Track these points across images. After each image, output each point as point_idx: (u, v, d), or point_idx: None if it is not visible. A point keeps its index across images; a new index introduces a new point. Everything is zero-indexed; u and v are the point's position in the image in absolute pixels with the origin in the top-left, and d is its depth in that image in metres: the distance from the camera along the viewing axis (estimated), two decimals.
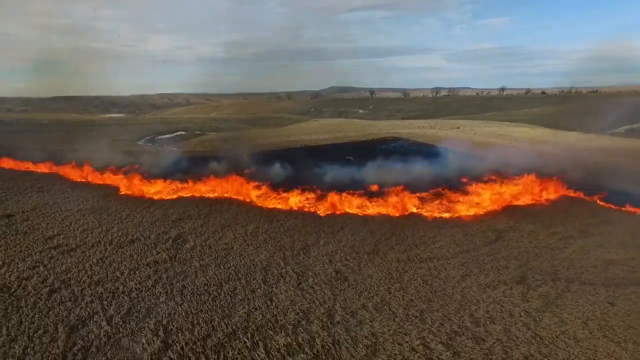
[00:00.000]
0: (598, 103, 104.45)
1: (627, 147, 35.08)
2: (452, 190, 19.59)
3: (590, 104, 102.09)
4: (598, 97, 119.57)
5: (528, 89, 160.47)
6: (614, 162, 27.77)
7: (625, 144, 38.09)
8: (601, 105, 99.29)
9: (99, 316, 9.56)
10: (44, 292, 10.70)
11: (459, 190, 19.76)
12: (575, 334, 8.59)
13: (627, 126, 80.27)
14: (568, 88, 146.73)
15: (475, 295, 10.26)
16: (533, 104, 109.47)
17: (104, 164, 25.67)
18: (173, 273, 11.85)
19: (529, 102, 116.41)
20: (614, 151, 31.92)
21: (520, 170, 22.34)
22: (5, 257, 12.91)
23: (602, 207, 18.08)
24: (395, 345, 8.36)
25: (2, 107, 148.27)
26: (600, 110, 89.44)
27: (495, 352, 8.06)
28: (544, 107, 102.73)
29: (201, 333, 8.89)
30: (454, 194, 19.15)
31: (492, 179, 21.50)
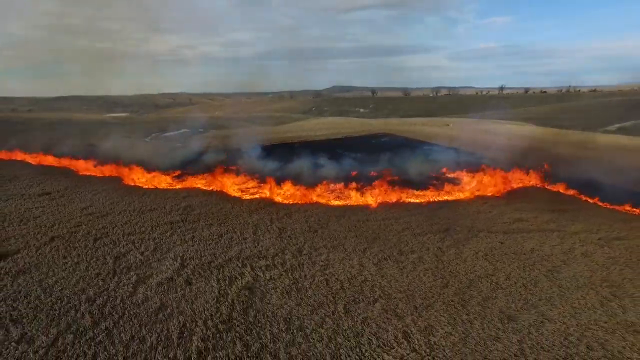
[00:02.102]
0: (594, 102, 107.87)
1: (598, 142, 38.89)
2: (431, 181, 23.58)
3: (586, 103, 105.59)
4: (596, 96, 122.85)
5: (527, 88, 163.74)
6: (578, 154, 31.60)
7: (601, 139, 41.86)
8: (596, 104, 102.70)
9: (133, 252, 13.68)
10: (90, 239, 14.85)
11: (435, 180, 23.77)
12: (465, 259, 12.61)
13: (619, 124, 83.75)
14: (566, 87, 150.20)
15: (406, 240, 14.30)
16: (531, 103, 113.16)
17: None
18: (184, 229, 15.97)
19: (527, 101, 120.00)
20: (582, 144, 35.74)
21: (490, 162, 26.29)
22: (54, 218, 17.10)
23: (542, 188, 22.00)
24: (341, 265, 12.42)
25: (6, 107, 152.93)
26: (594, 108, 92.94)
27: (407, 268, 12.09)
28: (542, 106, 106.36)
29: (207, 260, 12.98)
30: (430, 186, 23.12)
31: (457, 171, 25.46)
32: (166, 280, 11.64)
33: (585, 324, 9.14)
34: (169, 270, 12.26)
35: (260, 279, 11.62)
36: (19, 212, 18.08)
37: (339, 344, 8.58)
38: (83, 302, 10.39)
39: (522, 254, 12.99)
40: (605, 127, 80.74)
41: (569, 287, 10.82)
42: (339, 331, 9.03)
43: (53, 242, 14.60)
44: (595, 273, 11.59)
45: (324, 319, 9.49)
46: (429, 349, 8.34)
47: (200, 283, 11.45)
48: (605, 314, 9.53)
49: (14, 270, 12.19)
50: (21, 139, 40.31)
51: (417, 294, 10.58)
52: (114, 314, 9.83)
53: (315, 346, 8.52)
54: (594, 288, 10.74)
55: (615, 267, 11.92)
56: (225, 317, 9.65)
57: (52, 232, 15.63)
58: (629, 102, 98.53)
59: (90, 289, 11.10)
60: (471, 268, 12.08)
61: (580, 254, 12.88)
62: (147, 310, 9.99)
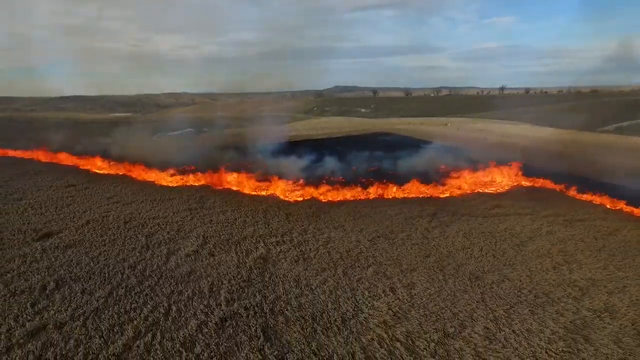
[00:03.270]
0: (594, 102, 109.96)
1: (585, 140, 41.11)
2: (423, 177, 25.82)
3: (586, 103, 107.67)
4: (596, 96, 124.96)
5: (528, 88, 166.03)
6: (564, 151, 33.84)
7: (588, 138, 44.07)
8: (596, 104, 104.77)
9: (160, 232, 15.98)
10: (121, 222, 17.16)
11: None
12: (447, 236, 14.90)
13: (616, 124, 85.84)
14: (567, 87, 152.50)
15: (398, 222, 16.61)
16: (532, 103, 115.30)
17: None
18: (202, 214, 18.27)
19: (528, 101, 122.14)
20: (569, 142, 37.96)
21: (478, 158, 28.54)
22: (85, 206, 19.42)
23: (523, 181, 24.25)
24: (340, 241, 14.71)
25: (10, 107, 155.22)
26: (593, 108, 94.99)
27: (397, 243, 14.38)
28: (542, 105, 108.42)
29: (225, 238, 15.28)
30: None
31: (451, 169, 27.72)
32: (192, 252, 13.94)
33: (537, 281, 11.43)
34: (193, 245, 14.56)
35: (272, 252, 13.91)
36: (52, 200, 20.39)
37: (338, 295, 10.87)
38: (126, 268, 12.70)
39: (496, 233, 15.28)
40: (603, 126, 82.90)
41: (530, 256, 13.11)
42: (338, 287, 11.32)
43: (89, 225, 16.91)
44: (554, 246, 13.88)
45: (326, 279, 11.79)
46: (410, 298, 10.62)
47: (221, 255, 13.75)
48: (555, 274, 11.81)
49: (62, 245, 14.50)
50: (36, 138, 42.66)
51: (403, 262, 12.87)
52: (153, 276, 12.13)
53: (320, 297, 10.81)
54: (550, 256, 13.03)
55: (572, 242, 14.21)
56: (245, 278, 11.95)
57: (85, 216, 17.94)
58: (628, 102, 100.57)
59: (129, 258, 13.41)
60: (451, 243, 14.37)
61: (546, 232, 15.17)
62: (180, 274, 12.29)
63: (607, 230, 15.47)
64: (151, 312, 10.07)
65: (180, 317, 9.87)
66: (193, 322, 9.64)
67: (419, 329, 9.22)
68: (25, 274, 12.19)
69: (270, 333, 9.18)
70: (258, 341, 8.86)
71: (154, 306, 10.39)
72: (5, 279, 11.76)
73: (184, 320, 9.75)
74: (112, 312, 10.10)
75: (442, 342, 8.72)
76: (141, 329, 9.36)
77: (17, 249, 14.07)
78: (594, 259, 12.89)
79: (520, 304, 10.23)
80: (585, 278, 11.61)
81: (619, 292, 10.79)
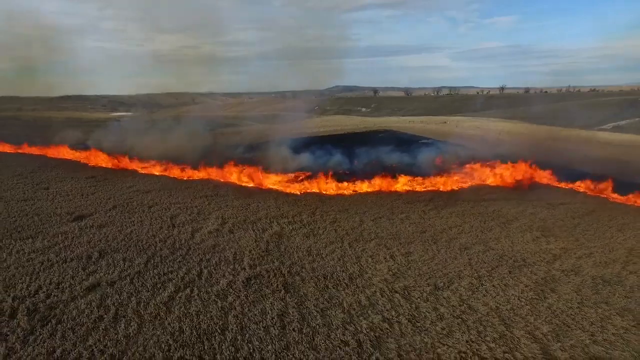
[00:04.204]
0: (594, 101, 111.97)
1: (575, 136, 43.12)
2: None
3: (585, 102, 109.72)
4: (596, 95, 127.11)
5: (528, 88, 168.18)
6: (554, 146, 35.75)
7: (580, 134, 46.05)
8: (595, 103, 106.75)
9: (183, 214, 17.85)
10: (145, 207, 19.03)
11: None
12: (442, 217, 16.79)
13: (614, 123, 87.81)
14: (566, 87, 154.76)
15: (398, 205, 18.51)
16: (532, 102, 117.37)
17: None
18: (218, 200, 20.14)
19: (527, 100, 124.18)
20: (561, 139, 39.92)
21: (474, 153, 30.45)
22: (108, 194, 21.29)
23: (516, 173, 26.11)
24: (346, 221, 16.58)
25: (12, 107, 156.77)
26: (592, 107, 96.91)
27: (396, 222, 16.27)
28: (541, 104, 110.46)
29: (241, 219, 17.15)
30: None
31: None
32: (214, 230, 15.81)
33: (517, 250, 13.32)
34: (214, 224, 16.44)
35: (285, 229, 15.80)
36: (76, 189, 22.25)
37: (345, 261, 12.75)
38: (157, 242, 14.57)
39: (485, 214, 17.18)
40: (601, 125, 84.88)
41: (513, 232, 15.00)
42: (345, 255, 13.20)
43: (116, 209, 18.79)
44: (535, 223, 15.78)
45: (334, 250, 13.67)
46: (407, 263, 12.50)
47: (240, 232, 15.63)
48: (533, 245, 13.71)
49: (96, 225, 16.37)
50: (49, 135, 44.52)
51: (402, 236, 14.76)
52: (182, 248, 14.00)
53: (329, 262, 12.69)
54: (531, 232, 14.93)
55: (552, 220, 16.11)
56: (263, 249, 13.83)
57: (111, 202, 19.82)
58: (626, 101, 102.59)
59: (159, 235, 15.28)
60: (445, 222, 16.27)
61: (529, 213, 17.08)
62: (206, 246, 14.16)
63: (584, 211, 17.38)
64: (186, 274, 11.94)
65: (211, 278, 11.74)
66: (223, 280, 11.52)
67: (414, 284, 11.10)
68: (71, 246, 14.07)
69: (289, 287, 11.06)
70: (280, 293, 10.73)
71: (188, 270, 12.25)
72: (55, 250, 13.63)
73: (215, 279, 11.63)
74: (153, 274, 11.97)
75: (433, 293, 10.59)
76: (180, 285, 11.23)
77: (57, 228, 15.94)
78: (569, 234, 14.78)
79: (501, 267, 12.11)
80: (558, 247, 13.49)
81: (586, 257, 12.67)
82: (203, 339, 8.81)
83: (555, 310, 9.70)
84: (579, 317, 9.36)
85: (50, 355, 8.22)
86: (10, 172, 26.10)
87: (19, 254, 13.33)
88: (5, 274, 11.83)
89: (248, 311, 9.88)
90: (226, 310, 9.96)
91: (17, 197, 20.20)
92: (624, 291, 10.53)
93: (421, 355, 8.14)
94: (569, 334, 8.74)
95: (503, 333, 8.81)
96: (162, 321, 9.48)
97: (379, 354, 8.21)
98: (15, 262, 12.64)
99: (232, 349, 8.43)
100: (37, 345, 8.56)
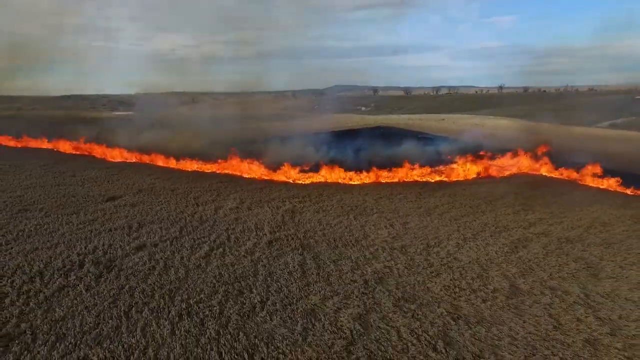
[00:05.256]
0: (591, 100, 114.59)
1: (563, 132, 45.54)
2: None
3: (582, 101, 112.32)
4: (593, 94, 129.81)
5: (526, 87, 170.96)
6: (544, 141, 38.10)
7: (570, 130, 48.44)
8: (592, 102, 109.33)
9: (204, 196, 20.12)
10: (168, 190, 21.33)
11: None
12: (435, 196, 19.13)
13: (610, 121, 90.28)
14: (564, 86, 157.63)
15: (397, 188, 20.86)
16: (530, 101, 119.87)
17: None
18: (234, 185, 22.44)
19: (525, 100, 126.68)
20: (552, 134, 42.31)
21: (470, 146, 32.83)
22: (132, 180, 23.58)
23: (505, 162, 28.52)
24: (350, 199, 18.91)
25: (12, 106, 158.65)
26: (589, 106, 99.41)
27: (395, 201, 18.59)
28: (539, 103, 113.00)
29: (257, 199, 19.45)
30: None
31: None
32: (234, 207, 18.13)
33: (500, 220, 15.67)
34: (233, 203, 18.76)
35: (297, 207, 18.12)
36: (100, 177, 24.53)
37: (351, 229, 15.07)
38: (186, 216, 16.87)
39: (475, 193, 19.55)
40: (597, 123, 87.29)
41: (499, 207, 17.35)
42: (351, 225, 15.53)
43: (141, 192, 21.09)
44: (518, 200, 18.15)
45: (341, 221, 15.99)
46: (404, 229, 14.83)
47: (257, 209, 17.94)
48: (514, 216, 16.07)
49: (128, 204, 18.67)
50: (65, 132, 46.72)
51: (400, 211, 17.10)
52: (209, 220, 16.30)
53: (337, 230, 15.01)
54: (513, 207, 17.29)
55: (534, 198, 18.50)
56: (280, 221, 16.15)
57: (136, 187, 22.12)
58: (622, 100, 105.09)
59: (186, 211, 17.59)
60: (439, 200, 18.62)
61: (513, 193, 19.45)
62: (229, 219, 16.47)
63: (563, 191, 19.75)
64: (216, 238, 14.24)
65: (238, 241, 14.05)
66: (249, 242, 13.83)
67: (409, 243, 13.43)
68: (111, 219, 16.37)
69: (305, 247, 13.37)
70: (298, 250, 13.05)
71: (217, 235, 14.55)
72: (99, 222, 15.94)
73: (242, 242, 13.93)
74: (188, 238, 14.28)
75: (426, 249, 12.93)
76: (213, 246, 13.54)
77: (95, 206, 18.25)
78: (547, 208, 17.15)
79: (484, 232, 14.45)
80: (535, 218, 15.85)
81: (557, 224, 15.03)
82: (240, 280, 11.12)
83: (524, 259, 12.04)
84: (542, 263, 11.70)
85: (121, 290, 10.51)
86: (35, 164, 28.40)
87: (69, 224, 15.64)
88: (63, 238, 14.14)
89: (273, 262, 12.20)
90: (255, 261, 12.28)
91: (50, 183, 22.50)
92: (582, 246, 12.88)
93: (414, 288, 10.47)
94: (532, 274, 11.08)
95: (480, 274, 11.14)
96: (204, 269, 11.78)
97: (382, 287, 10.53)
98: (69, 231, 14.95)
99: (264, 286, 10.74)
100: (107, 283, 10.87)
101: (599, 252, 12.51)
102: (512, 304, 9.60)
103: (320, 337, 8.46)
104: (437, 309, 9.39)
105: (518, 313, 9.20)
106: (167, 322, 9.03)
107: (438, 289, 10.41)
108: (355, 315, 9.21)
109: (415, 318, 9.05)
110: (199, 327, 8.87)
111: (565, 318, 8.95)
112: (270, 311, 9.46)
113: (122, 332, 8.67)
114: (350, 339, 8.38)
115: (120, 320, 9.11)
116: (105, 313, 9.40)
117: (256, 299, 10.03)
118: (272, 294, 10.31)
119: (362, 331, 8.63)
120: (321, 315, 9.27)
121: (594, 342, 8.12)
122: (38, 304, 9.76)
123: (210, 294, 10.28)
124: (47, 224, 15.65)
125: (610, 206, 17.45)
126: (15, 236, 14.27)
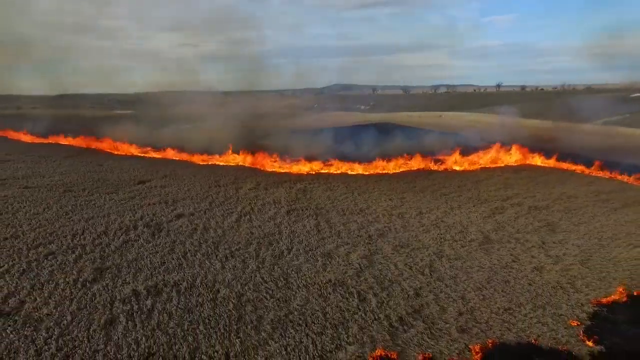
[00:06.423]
0: (588, 98, 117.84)
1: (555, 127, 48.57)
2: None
3: (579, 99, 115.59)
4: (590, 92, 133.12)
5: (524, 86, 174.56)
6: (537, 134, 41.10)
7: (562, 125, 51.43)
8: (589, 99, 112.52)
9: (223, 179, 22.95)
10: (191, 175, 24.11)
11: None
12: (430, 179, 22.03)
13: (605, 119, 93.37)
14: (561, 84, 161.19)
15: (395, 175, 23.74)
16: (527, 100, 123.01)
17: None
18: (249, 171, 25.30)
19: (523, 98, 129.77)
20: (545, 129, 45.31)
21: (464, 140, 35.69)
22: (155, 168, 26.37)
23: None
24: (354, 183, 21.78)
25: (11, 106, 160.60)
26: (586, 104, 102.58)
27: (394, 183, 21.48)
28: (537, 102, 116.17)
29: (272, 182, 22.28)
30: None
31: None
32: (253, 188, 20.97)
33: (483, 194, 18.59)
34: (251, 185, 21.60)
35: (308, 187, 20.97)
36: (126, 165, 27.31)
37: (356, 202, 17.93)
38: (212, 194, 19.70)
39: (464, 177, 22.47)
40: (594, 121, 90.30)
41: (483, 186, 20.27)
42: (355, 199, 18.39)
43: (167, 177, 23.93)
44: (501, 181, 21.08)
45: (347, 197, 18.87)
46: (401, 202, 17.71)
47: (273, 189, 20.79)
48: (495, 192, 18.99)
49: (158, 186, 21.48)
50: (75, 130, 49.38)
51: (397, 189, 19.99)
52: (232, 198, 19.13)
53: (344, 203, 17.87)
54: (497, 185, 20.23)
55: (517, 179, 21.45)
56: (294, 197, 19.00)
57: (161, 173, 24.93)
58: (619, 97, 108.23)
59: (211, 191, 20.42)
60: (432, 182, 21.55)
61: (498, 175, 22.37)
62: (250, 197, 19.30)
63: (541, 173, 22.73)
64: (242, 209, 17.09)
65: (261, 211, 16.90)
66: (270, 212, 16.69)
67: (405, 211, 16.32)
68: (147, 197, 19.20)
69: (318, 215, 16.24)
70: (313, 217, 15.91)
71: (243, 207, 17.40)
72: (137, 199, 18.76)
73: (265, 211, 16.78)
74: (218, 210, 17.11)
75: (419, 215, 15.82)
76: (240, 215, 16.38)
77: (129, 188, 21.07)
78: (524, 186, 20.11)
79: (469, 203, 17.36)
80: (513, 193, 18.80)
81: (530, 198, 17.96)
82: (268, 236, 13.97)
83: (499, 221, 14.96)
84: (513, 223, 14.62)
85: (174, 242, 13.35)
86: (59, 156, 31.18)
87: (111, 201, 18.46)
88: (111, 210, 16.97)
89: (293, 224, 15.07)
90: (278, 224, 15.14)
91: (82, 170, 25.31)
92: (547, 212, 15.83)
93: (409, 239, 13.35)
94: (503, 230, 14.00)
95: (461, 230, 14.05)
96: (237, 230, 14.63)
97: (383, 239, 13.40)
98: (114, 205, 17.79)
99: (289, 239, 13.59)
100: (161, 238, 13.70)
101: (560, 215, 15.44)
102: (484, 248, 12.50)
103: (336, 268, 11.33)
104: (425, 251, 12.29)
105: (487, 253, 12.10)
106: (217, 261, 11.89)
107: (427, 239, 13.30)
108: (362, 255, 12.09)
109: (409, 256, 11.94)
110: (242, 264, 11.72)
111: (523, 256, 11.86)
112: (295, 254, 12.33)
113: (184, 267, 11.52)
114: (359, 269, 11.25)
115: (180, 260, 11.96)
116: (167, 256, 12.25)
117: (284, 247, 12.90)
118: (295, 244, 13.17)
119: (368, 265, 11.51)
120: (336, 256, 12.14)
121: (540, 268, 11.02)
122: (112, 251, 12.60)
123: (247, 244, 13.14)
124: (93, 200, 18.49)
125: (579, 185, 20.39)
126: (70, 209, 17.09)
